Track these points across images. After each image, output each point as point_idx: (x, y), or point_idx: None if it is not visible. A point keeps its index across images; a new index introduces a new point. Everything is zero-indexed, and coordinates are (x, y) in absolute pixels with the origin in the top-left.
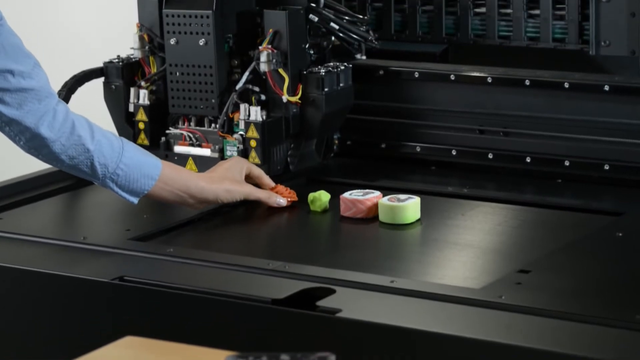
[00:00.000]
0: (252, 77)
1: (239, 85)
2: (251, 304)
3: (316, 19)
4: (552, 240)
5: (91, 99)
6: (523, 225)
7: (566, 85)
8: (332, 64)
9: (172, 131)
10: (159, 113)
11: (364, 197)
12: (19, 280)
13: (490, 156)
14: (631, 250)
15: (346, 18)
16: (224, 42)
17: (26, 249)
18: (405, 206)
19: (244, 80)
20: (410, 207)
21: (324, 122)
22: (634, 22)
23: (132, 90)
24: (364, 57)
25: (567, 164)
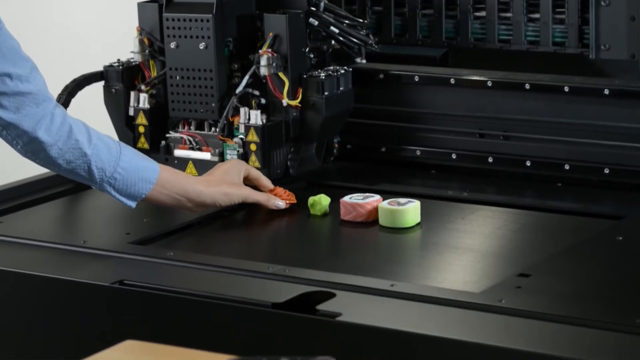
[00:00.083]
0: (252, 81)
1: (239, 89)
2: (251, 308)
3: (316, 23)
4: (552, 244)
5: (91, 102)
6: (523, 229)
7: (566, 89)
8: (332, 67)
9: (172, 135)
10: (159, 117)
11: (364, 201)
12: (19, 284)
13: (490, 160)
14: (631, 254)
15: (346, 22)
16: (224, 45)
17: (26, 253)
18: (405, 210)
19: (244, 84)
20: (410, 210)
21: (324, 125)
22: (633, 26)
23: (132, 94)
24: (364, 61)
25: (567, 167)
